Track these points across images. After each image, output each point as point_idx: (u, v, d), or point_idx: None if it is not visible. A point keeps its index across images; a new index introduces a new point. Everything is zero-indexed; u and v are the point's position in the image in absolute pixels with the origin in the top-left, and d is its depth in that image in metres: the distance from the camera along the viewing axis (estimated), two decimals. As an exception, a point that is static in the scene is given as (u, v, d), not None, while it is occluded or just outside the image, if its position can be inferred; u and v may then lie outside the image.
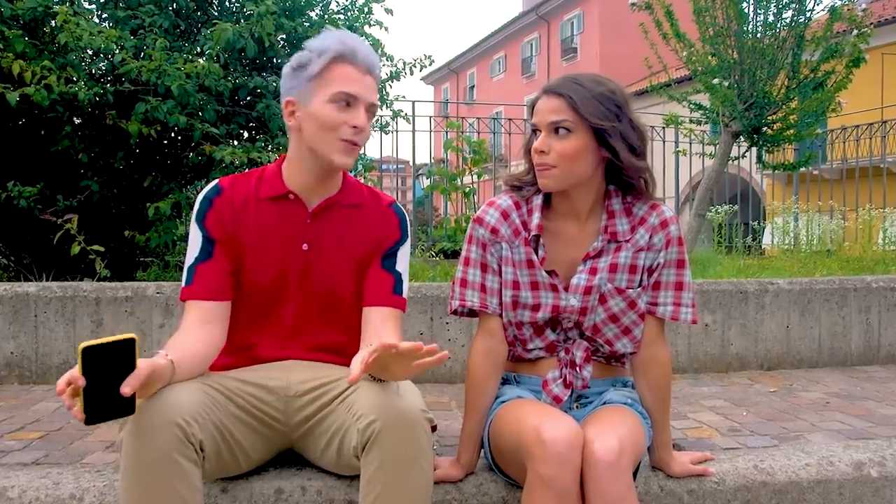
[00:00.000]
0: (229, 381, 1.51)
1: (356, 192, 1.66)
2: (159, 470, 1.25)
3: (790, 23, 5.06)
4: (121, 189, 3.68)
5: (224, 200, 1.57)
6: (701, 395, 2.73)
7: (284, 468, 1.67)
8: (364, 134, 1.52)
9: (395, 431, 1.31)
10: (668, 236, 1.63)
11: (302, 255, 1.58)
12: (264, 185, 1.59)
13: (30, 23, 3.27)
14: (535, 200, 1.64)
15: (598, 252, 1.62)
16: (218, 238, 1.55)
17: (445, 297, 2.94)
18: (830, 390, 2.81)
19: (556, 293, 1.62)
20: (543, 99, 1.57)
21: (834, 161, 9.21)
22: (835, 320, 3.30)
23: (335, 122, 1.49)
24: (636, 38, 7.17)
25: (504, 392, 1.68)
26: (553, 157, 1.53)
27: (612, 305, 1.62)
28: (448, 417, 2.36)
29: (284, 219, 1.58)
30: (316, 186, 1.59)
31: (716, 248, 6.64)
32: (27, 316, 2.77)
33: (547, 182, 1.56)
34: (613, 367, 1.72)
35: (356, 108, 1.50)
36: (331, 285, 1.60)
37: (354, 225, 1.62)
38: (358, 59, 1.51)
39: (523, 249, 1.63)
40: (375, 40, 4.36)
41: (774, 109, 5.24)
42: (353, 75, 1.50)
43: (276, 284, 1.58)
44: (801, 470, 1.84)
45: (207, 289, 1.53)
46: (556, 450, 1.35)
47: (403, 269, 1.64)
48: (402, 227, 1.66)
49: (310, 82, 1.50)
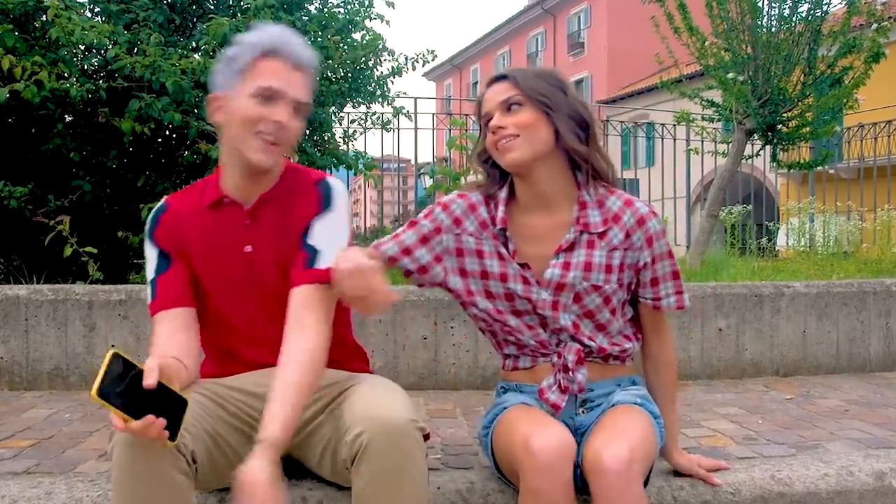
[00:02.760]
0: (219, 388, 1.52)
1: (291, 182, 1.62)
2: (151, 482, 1.26)
3: (806, 16, 5.05)
4: (114, 189, 3.69)
5: (169, 215, 1.60)
6: (714, 402, 2.73)
7: (284, 478, 1.67)
8: (287, 132, 1.49)
9: (384, 443, 1.30)
10: (648, 233, 1.64)
11: (246, 258, 1.57)
12: (206, 193, 1.60)
13: (20, 17, 3.28)
14: (500, 194, 1.67)
15: (570, 244, 1.62)
16: (170, 251, 1.58)
17: (449, 300, 2.91)
18: (849, 397, 2.80)
19: (526, 285, 1.62)
20: (491, 87, 1.64)
21: (850, 160, 9.19)
22: (853, 325, 3.29)
23: (254, 116, 1.46)
24: (645, 32, 7.17)
25: (507, 399, 1.68)
26: (512, 128, 1.57)
27: (588, 303, 1.63)
28: (453, 425, 2.35)
29: (223, 224, 1.58)
30: (249, 186, 1.57)
31: (728, 249, 6.62)
32: (18, 320, 2.77)
33: (513, 155, 1.58)
34: (614, 367, 1.69)
35: (278, 104, 1.48)
36: (281, 283, 1.57)
37: (288, 213, 1.59)
38: (286, 53, 1.49)
39: (492, 242, 1.65)
40: (376, 34, 4.37)
41: (790, 106, 5.23)
42: (280, 70, 1.49)
43: (227, 290, 1.58)
44: (820, 480, 1.83)
45: (172, 297, 1.55)
46: (545, 460, 1.35)
47: (319, 240, 1.55)
48: (322, 200, 1.59)
49: (236, 77, 1.49)
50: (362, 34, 4.39)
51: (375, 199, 11.43)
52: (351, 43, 4.32)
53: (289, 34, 1.52)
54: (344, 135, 5.09)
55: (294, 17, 3.83)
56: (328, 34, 3.96)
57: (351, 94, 4.53)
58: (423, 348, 2.93)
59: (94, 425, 2.32)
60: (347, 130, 5.15)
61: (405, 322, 2.91)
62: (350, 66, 4.29)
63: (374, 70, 4.61)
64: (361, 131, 5.20)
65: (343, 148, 4.93)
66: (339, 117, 5.04)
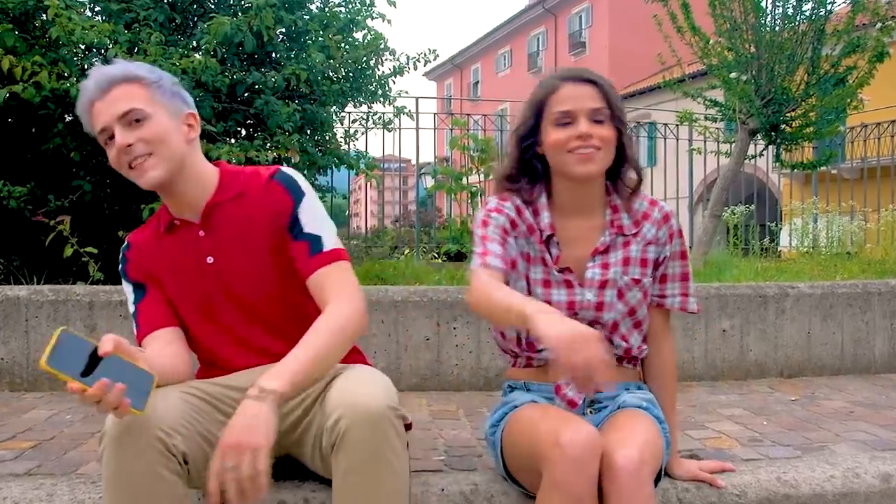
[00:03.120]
0: (212, 387, 1.52)
1: (235, 182, 1.61)
2: (142, 483, 1.27)
3: (810, 16, 5.06)
4: (114, 188, 3.69)
5: (134, 250, 1.64)
6: (719, 403, 2.72)
7: (286, 480, 1.67)
8: (138, 146, 1.47)
9: (362, 430, 1.30)
10: (671, 230, 1.70)
11: (211, 269, 1.57)
12: (161, 221, 1.63)
13: (20, 17, 3.28)
14: (541, 199, 1.66)
15: (605, 247, 1.65)
16: (142, 280, 1.62)
17: (452, 301, 2.93)
18: (854, 398, 2.80)
19: (569, 289, 1.64)
20: (577, 85, 1.59)
21: (854, 160, 9.18)
22: (858, 326, 3.29)
23: (110, 154, 1.51)
24: (647, 32, 7.18)
25: (515, 398, 1.68)
26: (597, 141, 1.56)
27: (630, 298, 1.66)
28: (456, 427, 2.35)
29: (183, 244, 1.59)
30: (185, 203, 1.57)
31: (732, 250, 6.62)
32: (18, 320, 2.77)
33: (591, 168, 1.58)
34: (626, 370, 1.73)
35: (113, 136, 1.48)
36: (253, 285, 1.58)
37: (245, 214, 1.58)
38: (93, 90, 1.49)
39: (538, 247, 1.65)
40: (378, 34, 4.37)
41: (793, 106, 5.23)
42: (98, 108, 1.49)
43: (204, 303, 1.59)
44: (826, 482, 1.83)
45: (155, 321, 1.58)
46: (574, 454, 1.34)
47: (314, 226, 1.57)
48: (292, 191, 1.58)
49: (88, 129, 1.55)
50: (364, 33, 4.38)
51: (376, 199, 11.41)
52: (352, 42, 4.32)
53: (94, 72, 1.52)
54: (345, 134, 5.10)
55: (295, 16, 3.83)
56: (329, 33, 3.96)
57: (352, 93, 4.52)
58: (426, 349, 2.93)
59: (96, 426, 2.31)
60: (349, 130, 5.15)
61: (407, 323, 2.91)
62: (351, 66, 4.29)
63: (376, 69, 4.61)
64: (363, 131, 5.20)
65: (344, 148, 4.93)
66: (340, 117, 5.04)
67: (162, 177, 1.49)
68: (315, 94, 4.08)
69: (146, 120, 1.48)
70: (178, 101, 1.56)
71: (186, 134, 1.55)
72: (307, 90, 3.95)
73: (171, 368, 1.49)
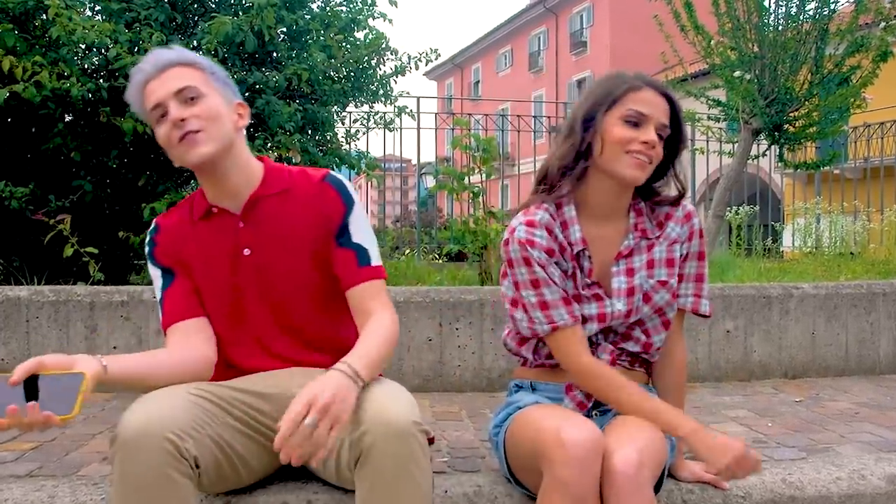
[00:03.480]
0: (224, 390, 1.51)
1: (281, 179, 1.62)
2: (152, 486, 1.26)
3: (813, 15, 5.05)
4: (115, 189, 3.69)
5: (163, 235, 1.64)
6: (723, 404, 2.72)
7: (290, 481, 1.67)
8: (191, 121, 1.48)
9: (388, 445, 1.30)
10: (692, 228, 1.70)
11: (247, 261, 1.58)
12: (195, 208, 1.62)
13: (20, 16, 3.28)
14: (569, 212, 1.63)
15: (629, 251, 1.65)
16: (171, 265, 1.61)
17: (454, 301, 2.93)
18: (859, 400, 2.79)
19: (599, 302, 1.63)
20: (657, 95, 1.58)
21: (856, 160, 9.18)
22: (862, 326, 3.29)
23: (158, 133, 1.52)
24: (649, 31, 7.17)
25: (520, 398, 1.68)
26: (655, 154, 1.57)
27: (658, 300, 1.65)
28: (459, 428, 2.35)
29: (218, 232, 1.59)
30: (224, 190, 1.57)
31: (734, 250, 6.62)
32: (18, 321, 2.77)
33: (641, 176, 1.58)
34: (636, 373, 1.72)
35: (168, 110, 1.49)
36: (289, 281, 1.58)
37: (290, 212, 1.59)
38: (148, 70, 1.51)
39: (569, 263, 1.64)
40: (379, 33, 4.37)
41: (797, 106, 5.22)
42: (152, 87, 1.51)
43: (233, 298, 1.59)
44: (832, 484, 1.82)
45: (181, 310, 1.58)
46: (577, 453, 1.34)
47: (362, 237, 1.59)
48: (345, 197, 1.60)
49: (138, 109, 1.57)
50: (365, 33, 4.38)
51: (377, 199, 11.42)
52: (353, 42, 4.32)
53: (150, 56, 1.54)
54: (346, 134, 5.10)
55: (296, 15, 3.82)
56: (331, 33, 3.96)
57: (353, 93, 4.52)
58: (429, 350, 2.92)
59: (97, 428, 2.32)
60: (350, 130, 5.15)
61: (410, 323, 2.90)
62: (353, 66, 4.29)
63: (377, 69, 4.61)
64: (364, 131, 5.20)
65: (345, 147, 4.93)
66: (341, 117, 5.04)
67: (211, 153, 1.49)
68: (316, 93, 4.08)
69: (200, 98, 1.50)
70: (229, 90, 1.58)
71: (236, 122, 1.57)
72: (308, 90, 3.95)
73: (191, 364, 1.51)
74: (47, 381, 1.24)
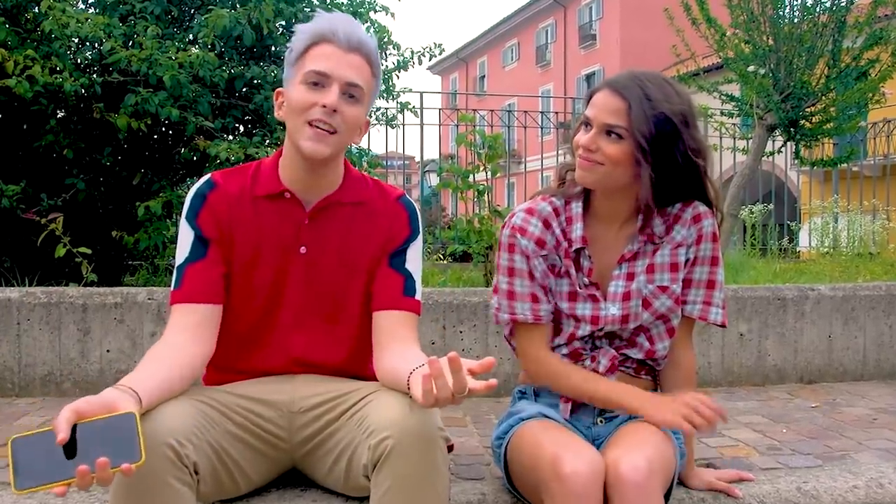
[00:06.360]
0: (226, 395, 1.51)
1: (359, 189, 1.62)
2: (151, 493, 1.26)
3: (830, 6, 5.04)
4: (108, 187, 3.70)
5: (219, 196, 1.55)
6: (736, 410, 2.72)
7: (287, 489, 1.67)
8: (338, 117, 1.46)
9: (409, 450, 1.30)
10: (701, 231, 1.66)
11: (300, 259, 1.56)
12: (260, 182, 1.57)
13: (11, 9, 3.29)
14: (576, 208, 1.64)
15: (633, 254, 1.64)
16: (212, 237, 1.53)
17: (458, 303, 2.93)
18: (877, 405, 2.78)
19: (594, 303, 1.63)
20: (605, 94, 1.55)
21: (876, 157, 9.15)
22: (881, 329, 3.28)
23: (304, 103, 1.46)
24: (660, 24, 7.16)
25: (523, 408, 1.68)
26: (600, 156, 1.54)
27: (659, 306, 1.64)
28: (463, 434, 2.35)
29: (281, 219, 1.56)
30: (310, 183, 1.56)
31: (749, 250, 6.61)
32: (9, 324, 2.78)
33: (585, 177, 1.57)
34: (641, 380, 1.72)
35: (328, 88, 1.46)
36: (333, 292, 1.58)
37: (358, 225, 1.59)
38: (337, 36, 1.47)
39: (562, 260, 1.64)
40: (381, 27, 4.37)
41: (813, 101, 5.21)
42: (331, 53, 1.47)
43: (272, 290, 1.57)
44: (849, 492, 1.82)
45: (200, 290, 1.50)
46: (575, 488, 1.35)
47: (415, 268, 1.61)
48: (413, 223, 1.63)
49: (292, 67, 1.51)
50: (366, 27, 4.39)
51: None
52: (355, 36, 4.32)
53: (342, 18, 1.52)
54: (347, 131, 5.09)
55: (296, 8, 3.83)
56: (331, 26, 3.96)
57: (355, 89, 4.52)
58: (432, 353, 2.91)
59: (90, 433, 2.32)
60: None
61: (412, 326, 2.90)
62: (354, 60, 4.28)
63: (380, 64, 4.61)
64: (365, 127, 5.20)
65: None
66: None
67: (327, 155, 1.48)
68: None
69: (356, 103, 1.50)
70: (373, 103, 1.60)
71: (360, 132, 1.58)
72: (308, 85, 3.95)
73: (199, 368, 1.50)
74: (89, 428, 1.13)
